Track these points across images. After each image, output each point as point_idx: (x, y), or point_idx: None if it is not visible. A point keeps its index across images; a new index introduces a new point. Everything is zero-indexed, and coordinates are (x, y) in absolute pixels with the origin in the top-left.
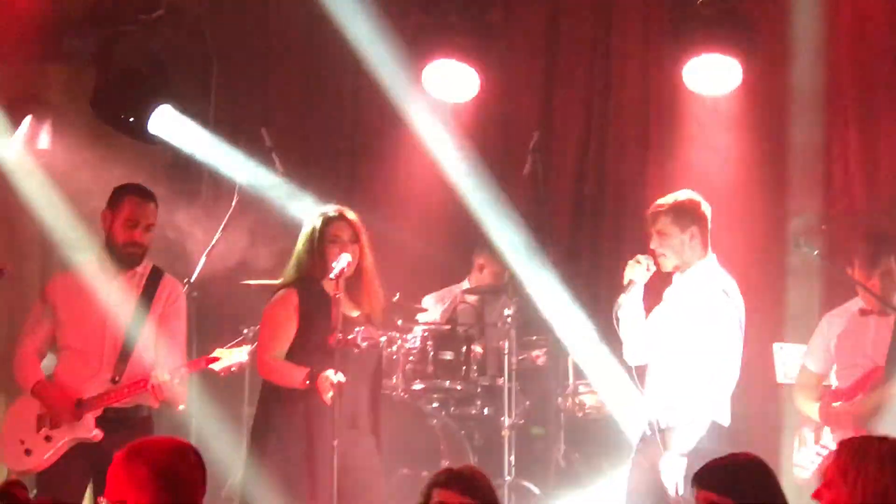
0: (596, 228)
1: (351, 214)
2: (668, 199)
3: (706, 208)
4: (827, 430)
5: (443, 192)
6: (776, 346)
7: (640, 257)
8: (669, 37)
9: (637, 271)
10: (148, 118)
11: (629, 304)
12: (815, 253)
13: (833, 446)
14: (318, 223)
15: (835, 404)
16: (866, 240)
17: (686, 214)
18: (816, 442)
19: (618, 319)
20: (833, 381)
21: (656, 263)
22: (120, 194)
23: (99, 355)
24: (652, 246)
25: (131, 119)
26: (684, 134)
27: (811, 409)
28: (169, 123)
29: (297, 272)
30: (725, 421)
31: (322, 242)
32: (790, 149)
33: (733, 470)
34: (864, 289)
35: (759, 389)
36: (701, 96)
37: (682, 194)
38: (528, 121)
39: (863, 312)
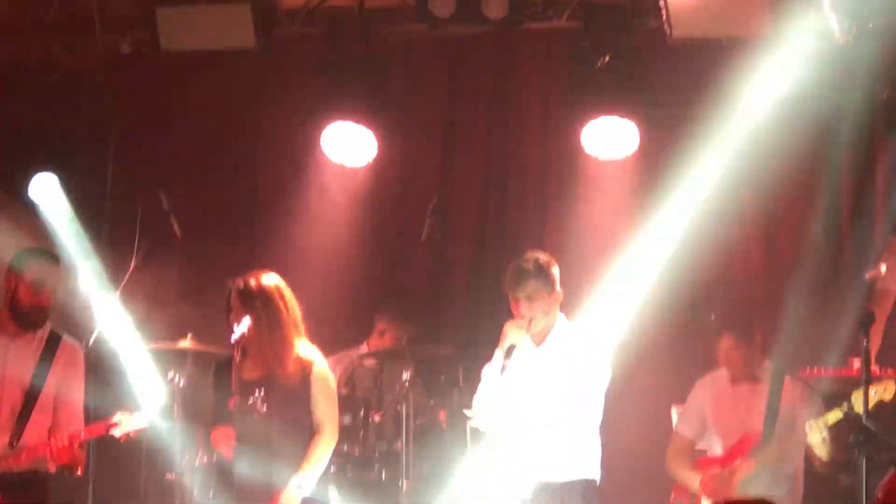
0: (494, 292)
1: (243, 282)
2: (529, 263)
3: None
4: (704, 502)
5: (342, 256)
6: (673, 409)
7: (520, 322)
8: (568, 99)
9: (520, 335)
10: (30, 182)
11: (507, 370)
12: (713, 317)
13: None
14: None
15: (713, 471)
16: (740, 311)
17: (551, 275)
18: None
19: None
20: (713, 447)
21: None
22: (26, 257)
23: None
24: (522, 310)
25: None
26: (583, 196)
27: (686, 476)
28: (48, 191)
29: None
30: (597, 476)
31: (226, 312)
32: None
33: None
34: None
35: (656, 447)
36: (599, 159)
37: (541, 256)
38: (426, 184)
39: (734, 380)
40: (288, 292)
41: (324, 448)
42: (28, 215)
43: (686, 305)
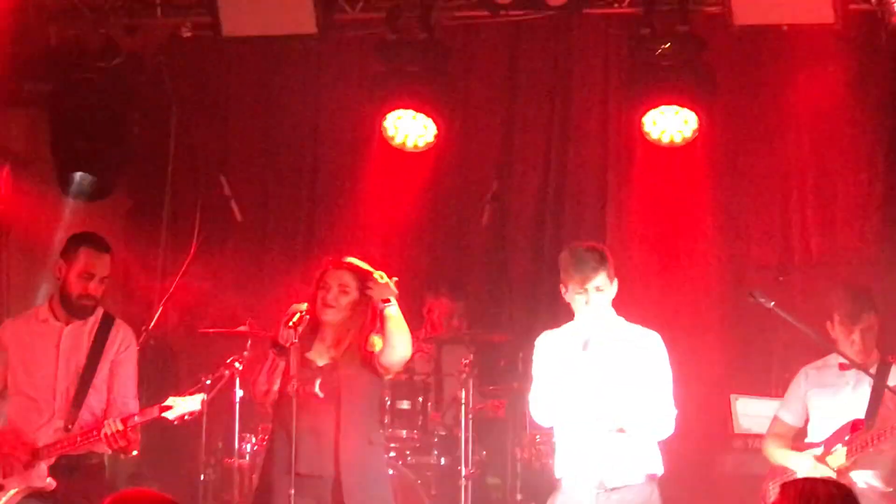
0: (553, 277)
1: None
2: (592, 255)
3: None
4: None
5: (401, 241)
6: (732, 398)
7: (591, 314)
8: (628, 87)
9: (597, 325)
10: (103, 171)
11: (584, 364)
12: (771, 305)
13: None
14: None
15: (816, 451)
16: (847, 296)
17: (611, 267)
18: None
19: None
20: (813, 436)
21: None
22: (75, 245)
23: (51, 402)
24: (590, 301)
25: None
26: (642, 183)
27: (784, 457)
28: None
29: None
30: (660, 470)
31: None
32: (746, 200)
33: None
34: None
35: (713, 439)
36: (659, 146)
37: (601, 247)
38: (486, 170)
39: (842, 367)
40: None
41: None
42: (83, 202)
43: (744, 293)
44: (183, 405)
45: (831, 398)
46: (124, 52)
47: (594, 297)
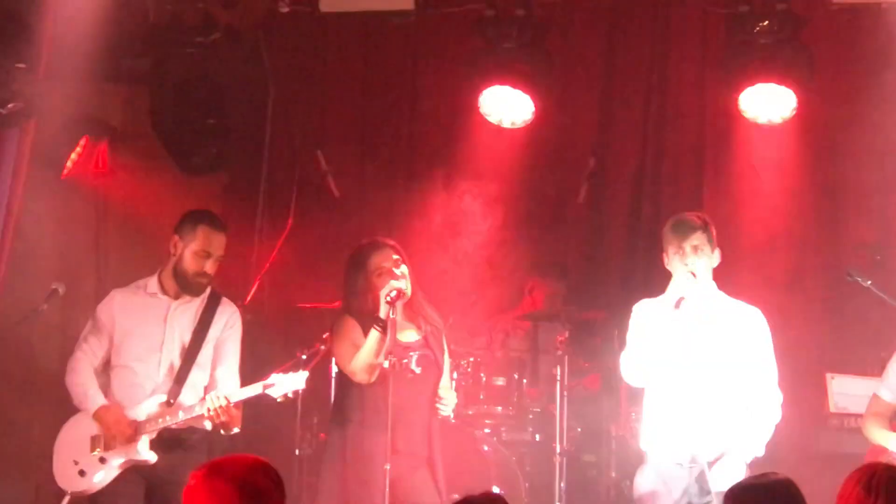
0: (651, 255)
1: (390, 241)
2: (693, 216)
3: None
4: None
5: (497, 218)
6: (828, 377)
7: (686, 274)
8: (726, 64)
9: (690, 287)
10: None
11: (678, 322)
12: (868, 283)
13: None
14: (360, 251)
15: None
16: None
17: (713, 233)
18: None
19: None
20: None
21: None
22: (193, 222)
23: (154, 376)
24: (687, 262)
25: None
26: (740, 161)
27: (884, 437)
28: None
29: (349, 300)
30: (761, 452)
31: (367, 274)
32: (846, 179)
33: (765, 490)
34: None
35: (809, 419)
36: (757, 124)
37: (702, 214)
38: (583, 147)
39: None
40: None
41: None
42: (189, 176)
43: (841, 271)
44: (286, 382)
45: None
46: (222, 27)
47: (692, 258)
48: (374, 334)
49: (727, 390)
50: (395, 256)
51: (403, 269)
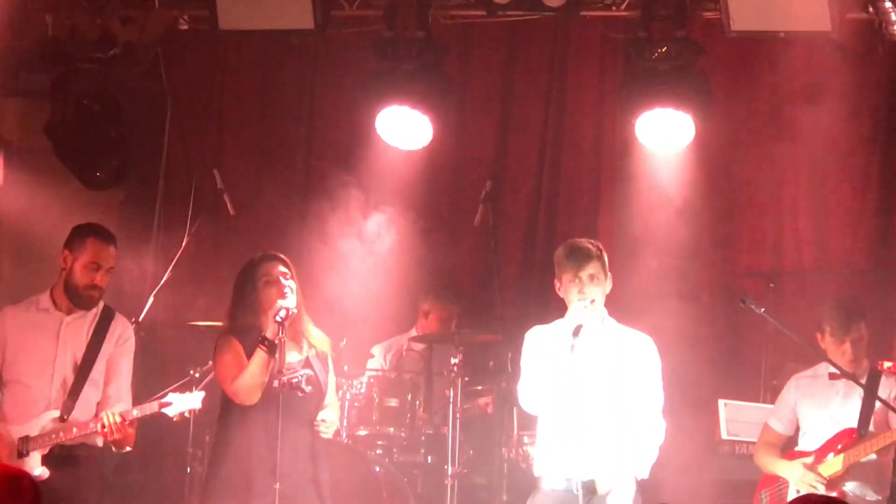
0: (545, 279)
1: (281, 255)
2: (587, 244)
3: None
4: (792, 490)
5: (393, 239)
6: (721, 403)
7: (584, 302)
8: (624, 90)
9: (587, 315)
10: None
11: (576, 349)
12: (762, 310)
13: None
14: (250, 263)
15: (807, 460)
16: (837, 307)
17: (605, 261)
18: None
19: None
20: (803, 444)
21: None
22: (81, 235)
23: (47, 392)
24: (585, 291)
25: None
26: (635, 187)
27: (777, 466)
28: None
29: (234, 316)
30: (646, 474)
31: (254, 284)
32: (740, 206)
33: None
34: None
35: (701, 445)
36: (653, 150)
37: (595, 241)
38: (480, 170)
39: (832, 376)
40: None
41: None
42: (84, 191)
43: (734, 298)
44: (183, 402)
45: (821, 408)
46: (121, 42)
47: (588, 286)
48: (259, 354)
49: (617, 417)
50: (284, 269)
51: (291, 283)
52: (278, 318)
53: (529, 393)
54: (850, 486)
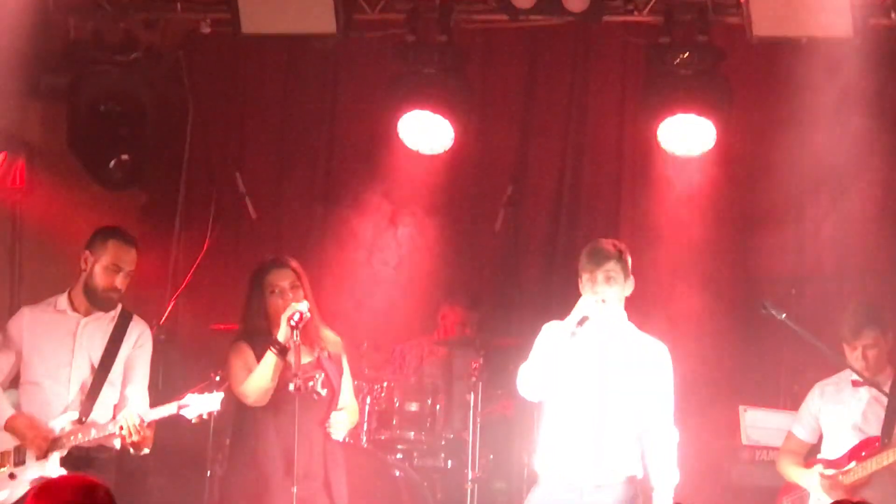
0: (567, 283)
1: (291, 262)
2: (608, 244)
3: None
4: (813, 499)
5: (415, 244)
6: (741, 409)
7: (594, 297)
8: (645, 95)
9: (594, 308)
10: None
11: (577, 337)
12: (783, 316)
13: None
14: (260, 268)
15: (827, 471)
16: (851, 312)
17: (627, 262)
18: None
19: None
20: (826, 452)
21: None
22: (103, 237)
23: (64, 394)
24: (597, 290)
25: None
26: (657, 192)
27: (798, 474)
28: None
29: (245, 320)
30: (640, 472)
31: (262, 291)
32: (762, 212)
33: None
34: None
35: (722, 452)
36: (674, 156)
37: (619, 242)
38: (501, 174)
39: (855, 384)
40: None
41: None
42: (106, 194)
43: (755, 303)
44: (201, 403)
45: (844, 415)
46: (143, 46)
47: (602, 286)
48: (269, 357)
49: (622, 418)
50: (292, 277)
51: (299, 293)
52: (292, 322)
53: (526, 376)
54: (872, 494)
